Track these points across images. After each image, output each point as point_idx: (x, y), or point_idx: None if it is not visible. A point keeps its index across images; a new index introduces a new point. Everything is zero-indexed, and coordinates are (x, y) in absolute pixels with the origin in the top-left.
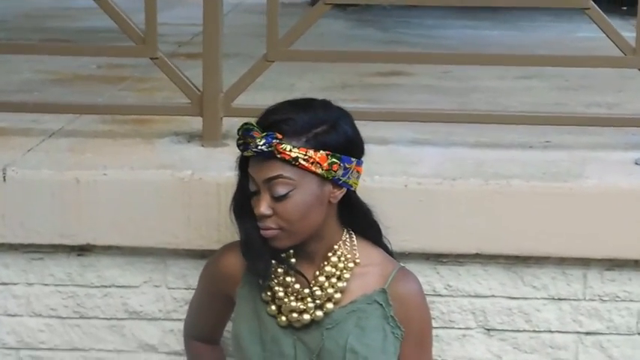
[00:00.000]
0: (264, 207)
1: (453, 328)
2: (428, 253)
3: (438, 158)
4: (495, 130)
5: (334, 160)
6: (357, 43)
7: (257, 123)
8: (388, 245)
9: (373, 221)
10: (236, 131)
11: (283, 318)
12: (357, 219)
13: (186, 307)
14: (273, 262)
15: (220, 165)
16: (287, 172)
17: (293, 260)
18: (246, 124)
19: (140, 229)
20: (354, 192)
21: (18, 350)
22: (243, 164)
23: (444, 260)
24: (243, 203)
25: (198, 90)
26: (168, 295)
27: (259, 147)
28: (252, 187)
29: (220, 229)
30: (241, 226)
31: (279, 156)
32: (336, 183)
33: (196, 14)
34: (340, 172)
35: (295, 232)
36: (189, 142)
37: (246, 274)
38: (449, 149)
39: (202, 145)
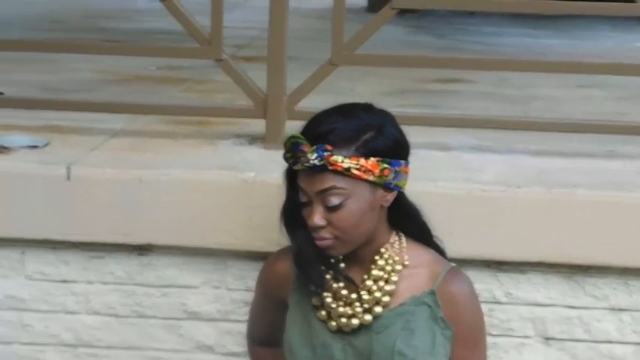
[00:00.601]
0: (317, 218)
1: (511, 336)
2: (489, 260)
3: (500, 165)
4: (557, 139)
5: (385, 165)
6: (414, 49)
7: (303, 135)
8: (440, 245)
9: (422, 221)
10: (284, 145)
11: (333, 323)
12: (406, 220)
13: (245, 309)
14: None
15: (282, 167)
16: (339, 182)
17: (342, 265)
18: (293, 137)
19: (201, 230)
20: (403, 193)
21: (75, 347)
22: (291, 176)
23: (505, 268)
24: (293, 214)
25: (262, 93)
26: (227, 296)
27: (311, 161)
28: (303, 198)
29: (281, 231)
30: (293, 237)
31: (330, 168)
32: (387, 187)
33: (253, 17)
34: (391, 177)
35: (350, 240)
36: (250, 144)
37: (297, 280)
38: (511, 157)
39: (264, 148)
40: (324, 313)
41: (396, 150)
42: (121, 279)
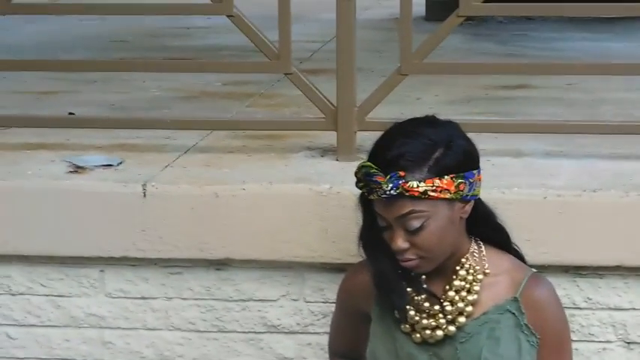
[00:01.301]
0: (400, 242)
1: (592, 341)
2: (567, 265)
3: (574, 170)
4: (629, 142)
5: (460, 180)
6: (476, 56)
7: (372, 162)
8: (518, 250)
9: (499, 225)
10: (355, 174)
11: (417, 335)
12: (483, 225)
13: (324, 321)
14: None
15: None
16: (417, 206)
17: (423, 277)
18: (364, 166)
19: (277, 243)
20: (479, 198)
21: None
22: (366, 201)
23: (584, 273)
24: (371, 237)
25: (333, 105)
26: (305, 309)
27: (387, 192)
28: (382, 223)
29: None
30: (372, 260)
31: (407, 194)
32: (464, 200)
33: (313, 31)
34: (467, 189)
35: (435, 257)
36: (322, 156)
37: (379, 293)
38: (584, 161)
39: (337, 159)
40: (407, 326)
41: (467, 162)
42: (199, 294)
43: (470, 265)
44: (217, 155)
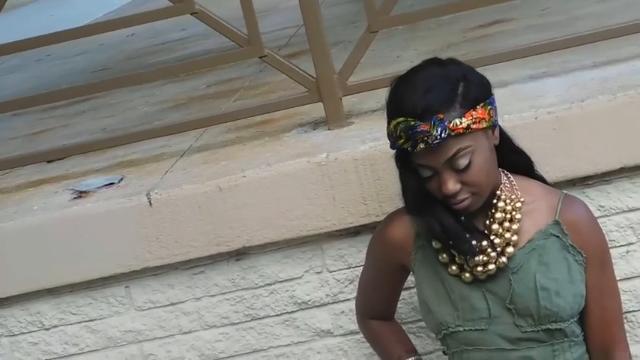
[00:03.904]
0: (451, 184)
1: (615, 247)
2: (573, 178)
3: (561, 86)
4: (609, 49)
5: (489, 107)
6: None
7: (404, 117)
8: (542, 175)
9: (520, 149)
10: (391, 134)
11: (467, 274)
12: (508, 151)
13: (351, 287)
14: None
15: (352, 142)
16: (463, 143)
17: (462, 219)
18: (399, 123)
19: (290, 221)
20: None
21: None
22: (403, 160)
23: (590, 182)
24: (421, 197)
25: (312, 77)
26: (331, 279)
27: (437, 137)
28: (427, 173)
29: (367, 203)
30: (431, 217)
31: (453, 134)
32: (494, 126)
33: (286, 18)
34: (494, 114)
35: (485, 191)
36: (315, 129)
37: (417, 241)
38: (569, 76)
39: (329, 129)
40: (455, 267)
41: (486, 89)
42: (226, 288)
43: (506, 195)
44: (214, 151)
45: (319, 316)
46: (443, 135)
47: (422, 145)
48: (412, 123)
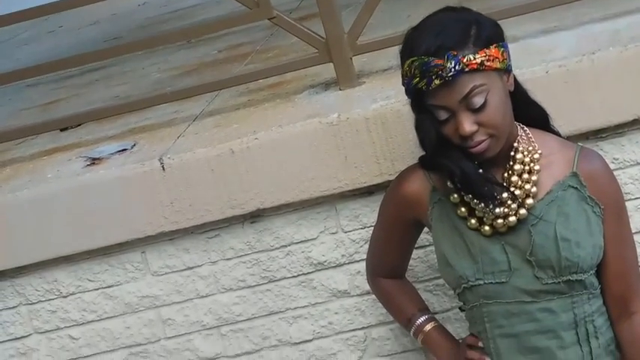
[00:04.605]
0: (468, 125)
1: (630, 199)
2: (586, 132)
3: (571, 40)
4: (619, 0)
5: (502, 49)
6: None
7: (418, 56)
8: (557, 130)
9: (535, 102)
10: (405, 75)
11: (487, 227)
12: (523, 103)
13: (367, 246)
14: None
15: (363, 101)
16: (477, 80)
17: (480, 171)
18: (413, 61)
19: (303, 182)
20: (515, 76)
21: (219, 328)
22: (420, 105)
23: (604, 135)
24: (439, 143)
25: (322, 37)
26: (346, 239)
27: (451, 70)
28: (443, 116)
29: (379, 162)
30: (451, 163)
31: (467, 69)
32: (508, 70)
33: None
34: (508, 58)
35: (502, 133)
36: (326, 90)
37: (433, 196)
38: (580, 29)
39: (340, 89)
40: (474, 221)
41: (499, 32)
42: (242, 251)
43: (523, 147)
44: (225, 115)
45: (335, 276)
46: (457, 67)
47: (437, 81)
48: (426, 59)
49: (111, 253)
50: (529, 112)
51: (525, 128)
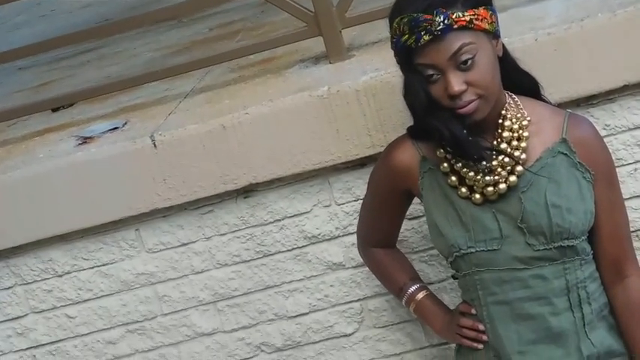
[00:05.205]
0: (457, 83)
1: (622, 165)
2: (577, 98)
3: (560, 7)
4: None
5: (491, 12)
6: None
7: (407, 13)
8: (547, 99)
9: (525, 71)
10: (394, 33)
11: (477, 196)
12: (513, 71)
13: None
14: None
15: (353, 74)
16: (466, 38)
17: (470, 138)
18: (402, 18)
19: (295, 156)
20: (503, 44)
21: (215, 303)
22: (408, 63)
23: (595, 102)
24: (428, 104)
25: (310, 11)
26: (340, 212)
27: (440, 24)
28: (434, 74)
29: (371, 134)
30: (439, 123)
31: (455, 26)
32: (497, 35)
33: None
34: (496, 22)
35: (490, 95)
36: (316, 64)
37: (423, 165)
38: None
39: (330, 63)
40: (464, 189)
41: None
42: (236, 226)
43: (512, 114)
44: (216, 92)
45: (330, 249)
46: (446, 22)
47: (426, 37)
48: (415, 15)
49: (105, 231)
50: (519, 81)
51: (514, 96)
